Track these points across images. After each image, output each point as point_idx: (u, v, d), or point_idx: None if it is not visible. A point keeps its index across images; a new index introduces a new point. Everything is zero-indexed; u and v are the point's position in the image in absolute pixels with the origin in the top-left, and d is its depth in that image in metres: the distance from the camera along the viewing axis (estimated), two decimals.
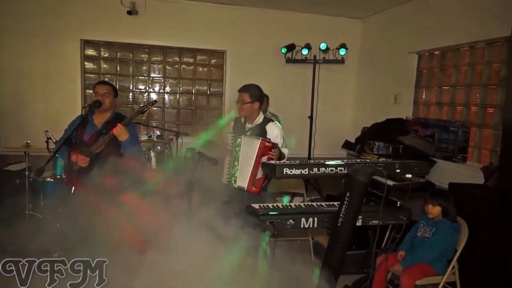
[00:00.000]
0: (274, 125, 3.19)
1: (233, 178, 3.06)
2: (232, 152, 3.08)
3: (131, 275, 2.36)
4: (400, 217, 2.52)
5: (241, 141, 3.03)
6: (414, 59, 5.60)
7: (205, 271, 2.43)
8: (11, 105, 5.55)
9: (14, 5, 5.46)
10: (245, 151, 3.01)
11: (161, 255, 2.42)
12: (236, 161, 3.04)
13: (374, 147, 5.15)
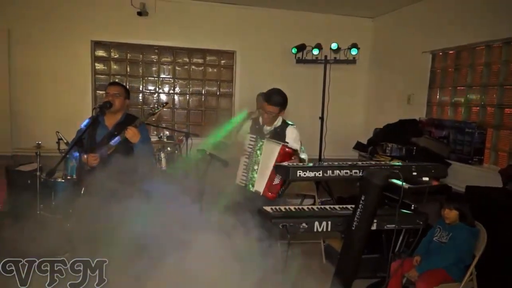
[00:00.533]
0: (293, 129, 3.16)
1: (250, 182, 3.00)
2: (252, 154, 3.02)
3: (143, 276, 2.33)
4: (416, 221, 2.44)
5: (263, 144, 2.97)
6: (427, 58, 5.50)
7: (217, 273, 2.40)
8: (23, 106, 5.58)
9: (26, 7, 5.48)
10: (266, 155, 2.94)
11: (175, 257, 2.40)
12: (256, 165, 2.98)
13: (386, 148, 5.07)
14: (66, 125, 4.19)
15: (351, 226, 2.09)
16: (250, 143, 3.05)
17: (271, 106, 3.05)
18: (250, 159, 3.03)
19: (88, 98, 5.89)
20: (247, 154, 3.05)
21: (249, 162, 3.03)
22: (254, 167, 3.00)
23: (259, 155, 2.99)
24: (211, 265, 2.33)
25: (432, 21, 5.28)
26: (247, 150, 3.05)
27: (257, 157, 2.99)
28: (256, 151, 3.00)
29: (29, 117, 5.57)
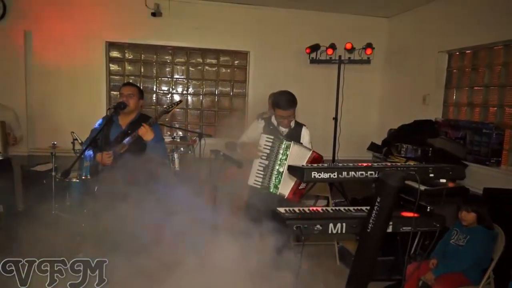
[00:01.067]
0: (307, 131, 3.26)
1: (272, 184, 2.98)
2: (272, 156, 3.00)
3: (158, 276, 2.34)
4: (433, 223, 2.39)
5: (289, 147, 2.94)
6: (444, 58, 5.41)
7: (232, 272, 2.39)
8: (38, 107, 5.66)
9: (42, 9, 5.56)
10: (294, 158, 2.92)
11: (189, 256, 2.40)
12: (281, 167, 2.96)
13: (401, 149, 5.00)
14: (81, 125, 4.23)
15: (366, 228, 2.05)
16: (267, 144, 3.02)
17: (289, 111, 3.06)
18: (270, 161, 3.00)
19: (102, 99, 5.95)
20: (264, 155, 3.01)
21: (269, 163, 3.00)
22: (279, 169, 2.97)
23: (285, 158, 2.94)
24: (225, 268, 2.33)
25: (449, 20, 5.19)
26: (264, 151, 3.02)
27: (283, 160, 2.95)
28: (280, 153, 2.96)
29: (45, 118, 5.65)
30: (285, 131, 3.17)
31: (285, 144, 2.95)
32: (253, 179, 3.05)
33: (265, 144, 3.02)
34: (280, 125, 3.15)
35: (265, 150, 3.01)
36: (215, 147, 3.31)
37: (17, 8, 5.49)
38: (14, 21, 5.49)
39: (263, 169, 3.01)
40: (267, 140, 3.01)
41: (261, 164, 3.03)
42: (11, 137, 4.00)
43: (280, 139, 2.99)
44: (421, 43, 5.75)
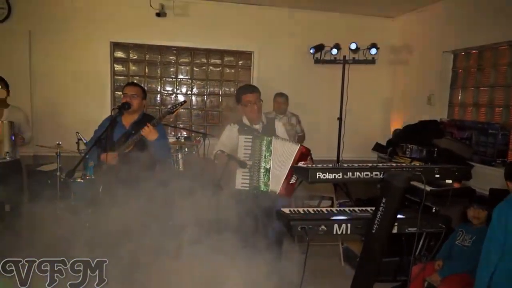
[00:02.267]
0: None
1: (262, 183, 2.97)
2: (254, 154, 2.98)
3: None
4: (438, 224, 2.38)
5: (270, 142, 2.94)
6: (449, 58, 5.38)
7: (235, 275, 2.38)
8: (43, 107, 5.67)
9: (47, 9, 5.58)
10: (279, 154, 2.93)
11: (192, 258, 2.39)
12: (267, 164, 2.95)
13: (406, 150, 4.97)
14: (86, 125, 4.24)
15: (371, 229, 2.04)
16: (246, 145, 3.00)
17: (257, 93, 3.20)
18: (255, 159, 2.98)
19: (107, 99, 5.96)
20: (246, 156, 3.00)
21: (254, 163, 2.98)
22: (265, 166, 2.96)
23: (269, 154, 2.95)
24: (227, 267, 2.32)
25: (454, 20, 5.17)
26: (245, 152, 3.00)
27: (267, 156, 2.95)
28: (263, 149, 2.96)
29: (49, 118, 5.66)
30: (259, 127, 3.21)
31: (266, 140, 2.95)
32: (239, 182, 3.02)
33: (245, 146, 3.00)
34: (254, 115, 3.18)
35: (247, 151, 2.99)
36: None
37: (22, 9, 5.51)
38: (19, 21, 5.50)
39: (248, 170, 2.99)
40: (245, 141, 3.00)
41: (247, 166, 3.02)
42: (19, 137, 4.01)
43: (260, 136, 2.99)
44: (426, 43, 5.72)
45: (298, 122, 5.39)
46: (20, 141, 4.01)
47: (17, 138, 3.99)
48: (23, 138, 4.05)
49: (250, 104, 3.14)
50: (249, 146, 2.98)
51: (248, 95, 3.15)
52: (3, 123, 3.86)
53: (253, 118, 3.19)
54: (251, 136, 3.00)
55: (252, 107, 3.14)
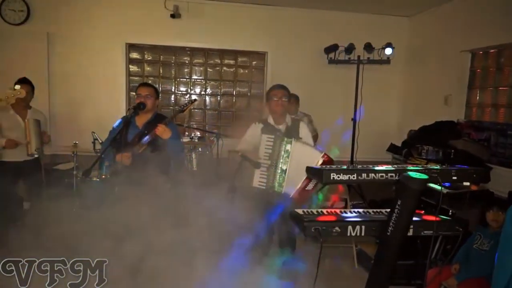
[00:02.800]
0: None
1: (277, 183, 2.98)
2: (273, 154, 2.99)
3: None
4: (455, 227, 2.33)
5: (292, 145, 2.94)
6: (467, 58, 5.28)
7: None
8: (60, 107, 5.77)
9: (64, 11, 5.68)
10: (299, 158, 2.91)
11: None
12: (284, 165, 2.95)
13: (422, 151, 4.89)
14: (101, 125, 4.29)
15: (386, 231, 2.01)
16: (268, 144, 3.01)
17: (282, 90, 3.21)
18: (273, 160, 2.99)
19: (122, 99, 6.03)
20: (266, 155, 3.01)
21: (272, 163, 2.99)
22: (282, 167, 2.96)
23: (287, 156, 2.94)
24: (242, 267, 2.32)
25: (472, 18, 5.07)
26: (266, 151, 3.01)
27: (284, 158, 2.94)
28: (281, 151, 2.96)
29: (66, 118, 5.75)
30: (282, 128, 3.20)
31: (286, 141, 2.96)
32: (257, 181, 3.04)
33: (266, 145, 3.01)
34: (277, 111, 3.20)
35: (267, 150, 3.00)
36: (232, 147, 3.32)
37: (40, 11, 5.61)
38: (38, 24, 5.61)
39: (266, 170, 3.01)
40: (268, 140, 3.02)
41: (264, 165, 3.02)
42: (46, 135, 4.11)
43: (281, 137, 3.00)
44: (443, 42, 5.63)
45: (310, 122, 5.35)
46: (47, 139, 4.11)
47: (45, 136, 4.08)
48: (49, 136, 4.15)
49: (276, 98, 3.18)
50: (270, 146, 3.00)
51: (275, 90, 3.23)
52: (29, 120, 3.96)
53: (277, 113, 3.20)
54: (273, 135, 3.02)
55: (277, 102, 3.17)
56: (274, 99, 3.20)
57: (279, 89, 3.22)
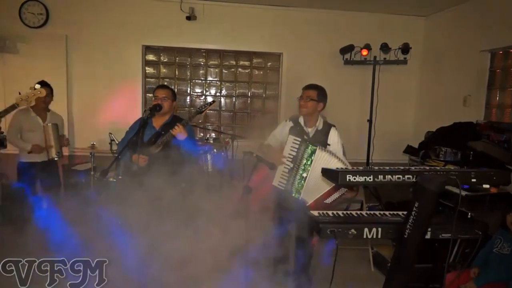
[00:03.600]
0: (336, 132, 3.11)
1: (295, 188, 2.93)
2: (297, 158, 2.94)
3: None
4: (474, 231, 2.28)
5: (316, 153, 2.85)
6: (486, 57, 5.18)
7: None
8: (79, 108, 5.87)
9: (82, 14, 5.77)
10: (320, 168, 2.85)
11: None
12: (304, 172, 2.90)
13: (440, 153, 4.82)
14: (118, 127, 4.35)
15: (403, 234, 1.99)
16: (293, 146, 2.97)
17: (310, 90, 3.06)
18: (295, 164, 2.95)
19: (138, 101, 6.09)
20: (290, 157, 2.98)
21: (294, 166, 2.95)
22: (302, 174, 2.90)
23: (309, 164, 2.87)
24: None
25: (491, 18, 4.97)
26: (291, 153, 2.98)
27: (307, 165, 2.88)
28: (306, 157, 2.89)
29: (84, 119, 5.85)
30: (311, 132, 3.11)
31: (311, 149, 2.86)
32: (277, 181, 3.02)
33: (291, 146, 2.96)
34: (300, 112, 3.11)
35: (292, 152, 2.96)
36: (247, 148, 3.32)
37: (59, 15, 5.72)
38: (57, 27, 5.72)
39: (288, 171, 2.97)
40: (294, 142, 2.96)
41: (286, 166, 2.99)
42: (65, 139, 4.21)
43: (306, 143, 2.91)
44: (461, 42, 5.53)
45: None
46: (66, 142, 4.22)
47: (64, 140, 4.18)
48: (68, 139, 4.27)
49: (301, 98, 3.09)
50: (295, 148, 2.94)
51: (304, 90, 3.13)
52: (49, 126, 4.08)
53: (301, 113, 3.12)
54: (299, 139, 2.96)
55: (301, 102, 3.08)
56: (301, 98, 3.10)
57: (307, 89, 3.10)
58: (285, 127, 3.18)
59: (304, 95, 3.07)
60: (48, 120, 4.23)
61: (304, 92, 3.10)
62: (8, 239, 3.65)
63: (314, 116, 3.11)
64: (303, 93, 3.10)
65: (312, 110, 3.06)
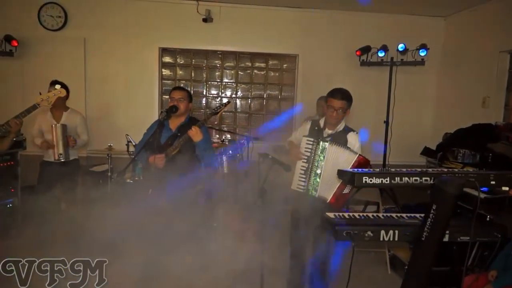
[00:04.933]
0: (356, 136, 3.07)
1: (311, 187, 2.94)
2: (311, 158, 2.96)
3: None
4: (493, 234, 2.25)
5: (325, 148, 2.90)
6: (506, 58, 5.09)
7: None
8: (96, 110, 5.96)
9: (100, 17, 5.87)
10: (334, 161, 2.87)
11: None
12: (318, 169, 2.92)
13: (458, 154, 4.74)
14: (135, 128, 4.41)
15: (420, 236, 1.97)
16: (307, 147, 2.98)
17: (339, 101, 2.98)
18: (310, 163, 2.96)
19: (155, 103, 6.16)
20: (305, 158, 2.99)
21: (309, 166, 2.97)
22: (316, 171, 2.93)
23: (322, 159, 2.90)
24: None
25: (511, 18, 4.87)
26: (305, 154, 2.99)
27: (320, 161, 2.91)
28: (318, 154, 2.92)
29: (102, 121, 5.94)
30: (330, 133, 3.09)
31: (322, 145, 2.90)
32: (296, 184, 3.04)
33: (305, 147, 2.99)
34: (328, 121, 3.08)
35: (306, 153, 2.98)
36: (263, 150, 3.33)
37: (77, 18, 5.83)
38: (75, 29, 5.83)
39: (304, 172, 2.98)
40: (307, 143, 3.00)
41: (302, 168, 3.00)
42: (71, 140, 4.21)
43: (318, 140, 2.94)
44: (481, 43, 5.44)
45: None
46: (72, 143, 4.19)
47: (69, 140, 4.19)
48: (74, 141, 4.22)
49: (332, 109, 3.01)
50: (309, 149, 2.97)
51: (334, 100, 3.01)
52: (57, 126, 4.09)
53: (329, 123, 3.10)
54: (312, 139, 2.98)
55: (332, 113, 3.01)
56: (330, 108, 3.01)
57: (338, 99, 2.99)
58: (305, 128, 3.22)
59: (336, 106, 2.98)
60: (63, 119, 4.27)
61: (334, 102, 2.99)
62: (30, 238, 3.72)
63: (337, 123, 3.11)
64: (333, 103, 2.99)
65: (341, 120, 3.08)
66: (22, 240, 3.81)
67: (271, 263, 2.82)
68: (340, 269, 2.78)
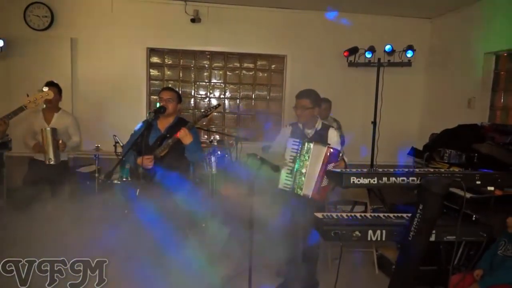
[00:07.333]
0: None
1: (298, 186, 3.01)
2: (297, 158, 3.02)
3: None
4: (479, 233, 2.28)
5: (311, 148, 2.98)
6: (491, 60, 5.17)
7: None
8: (84, 111, 5.89)
9: (87, 17, 5.81)
10: (313, 158, 2.95)
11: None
12: (303, 168, 2.98)
13: (444, 155, 4.79)
14: (123, 129, 4.36)
15: (407, 236, 1.99)
16: (293, 147, 3.04)
17: (303, 100, 3.14)
18: (295, 163, 3.02)
19: (143, 103, 6.11)
20: (291, 158, 3.05)
21: (295, 166, 3.02)
22: (301, 170, 3.00)
23: (307, 159, 2.98)
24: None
25: (496, 20, 4.95)
26: (291, 154, 3.05)
27: (306, 161, 2.98)
28: (304, 154, 3.00)
29: (89, 121, 5.85)
30: (311, 133, 3.22)
31: (307, 146, 2.99)
32: (282, 183, 3.10)
33: (292, 148, 3.06)
34: (299, 120, 3.22)
35: (292, 153, 3.06)
36: (251, 150, 3.33)
37: (64, 17, 5.76)
38: (62, 29, 5.75)
39: (290, 172, 3.04)
40: (293, 143, 3.07)
41: (289, 168, 3.05)
42: (61, 144, 4.14)
43: (304, 141, 3.04)
44: (466, 44, 5.52)
45: (338, 128, 5.31)
46: (62, 146, 4.13)
47: (59, 144, 4.12)
48: (64, 144, 4.15)
49: (297, 108, 3.19)
50: (295, 149, 3.04)
51: (298, 99, 3.20)
52: (47, 130, 4.02)
53: (300, 122, 3.24)
54: (298, 140, 3.07)
55: (298, 112, 3.19)
56: (296, 108, 3.20)
57: (302, 98, 3.16)
58: (286, 132, 3.31)
59: (299, 105, 3.16)
60: (54, 120, 4.23)
61: (298, 101, 3.17)
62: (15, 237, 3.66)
63: (313, 120, 3.23)
64: (297, 103, 3.18)
65: (310, 117, 3.19)
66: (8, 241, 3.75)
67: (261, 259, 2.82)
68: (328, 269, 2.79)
